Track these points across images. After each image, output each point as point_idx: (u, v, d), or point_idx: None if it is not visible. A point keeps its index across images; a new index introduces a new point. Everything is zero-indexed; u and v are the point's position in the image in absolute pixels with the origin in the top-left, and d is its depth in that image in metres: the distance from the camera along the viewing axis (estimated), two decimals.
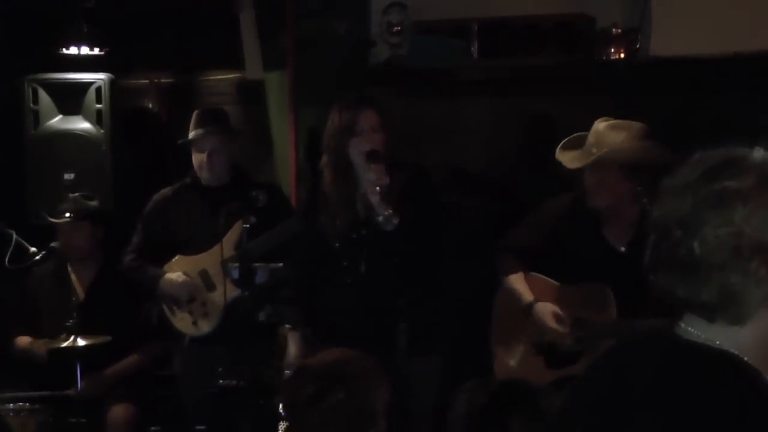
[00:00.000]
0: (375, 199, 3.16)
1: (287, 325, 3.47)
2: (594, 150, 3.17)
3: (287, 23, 4.63)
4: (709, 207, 1.30)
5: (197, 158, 3.86)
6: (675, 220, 1.32)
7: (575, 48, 4.07)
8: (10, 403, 3.61)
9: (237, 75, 5.05)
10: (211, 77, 5.20)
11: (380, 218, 3.17)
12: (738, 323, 1.31)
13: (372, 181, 3.17)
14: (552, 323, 3.25)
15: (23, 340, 4.14)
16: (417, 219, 3.22)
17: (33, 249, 4.00)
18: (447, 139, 4.35)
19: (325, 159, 3.35)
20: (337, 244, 3.22)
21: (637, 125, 3.22)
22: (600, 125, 3.23)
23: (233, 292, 3.51)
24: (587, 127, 3.40)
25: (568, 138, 3.31)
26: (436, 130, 4.38)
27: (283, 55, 4.68)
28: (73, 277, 4.23)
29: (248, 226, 3.24)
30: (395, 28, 4.50)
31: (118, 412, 4.00)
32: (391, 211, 3.16)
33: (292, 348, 3.48)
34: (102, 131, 4.70)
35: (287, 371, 3.32)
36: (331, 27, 4.61)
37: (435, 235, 3.31)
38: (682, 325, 1.37)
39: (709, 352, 1.31)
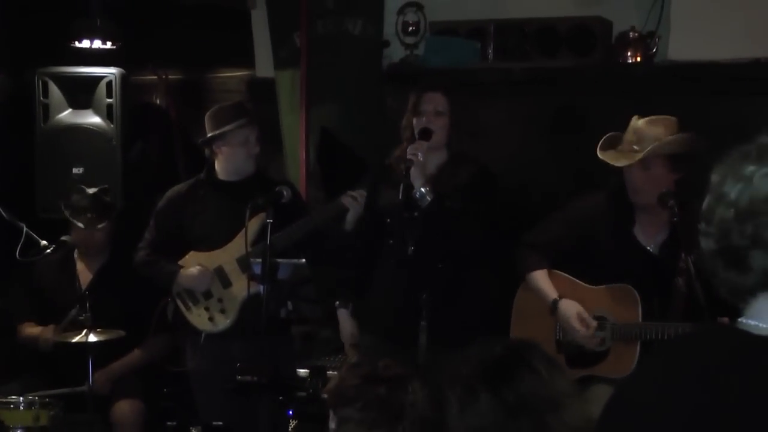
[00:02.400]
0: (410, 172, 3.20)
1: (337, 302, 3.49)
2: (636, 147, 3.18)
3: (301, 22, 4.62)
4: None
5: (229, 151, 3.81)
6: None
7: (591, 51, 4.08)
8: (21, 396, 3.58)
9: (247, 72, 5.05)
10: (221, 74, 5.19)
11: (416, 193, 3.20)
12: None
13: (408, 154, 3.21)
14: (576, 324, 3.25)
15: (30, 329, 4.13)
16: (473, 210, 3.26)
17: (43, 242, 3.97)
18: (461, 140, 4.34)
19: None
20: (388, 220, 3.23)
21: (671, 118, 3.25)
22: (638, 122, 3.25)
23: (252, 287, 3.48)
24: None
25: (604, 138, 3.31)
26: None
27: (296, 53, 4.67)
28: (78, 267, 4.22)
29: (271, 221, 3.22)
30: (411, 28, 4.51)
31: (124, 408, 3.98)
32: (427, 188, 3.19)
33: (345, 326, 3.50)
34: (112, 126, 4.68)
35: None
36: (345, 26, 4.61)
37: (486, 230, 3.33)
38: (744, 320, 1.34)
39: None
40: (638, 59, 4.00)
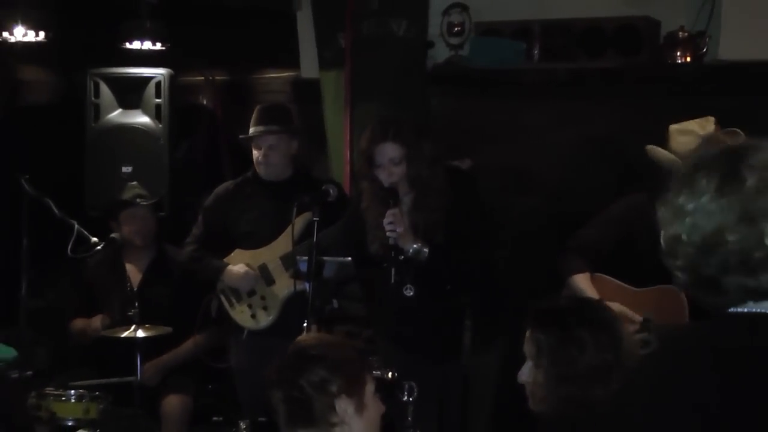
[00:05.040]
0: (395, 241, 3.12)
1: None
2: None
3: (346, 23, 4.63)
4: None
5: (256, 154, 3.89)
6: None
7: (638, 51, 4.04)
8: (72, 390, 3.64)
9: (292, 73, 5.09)
10: (266, 75, 5.24)
11: (410, 253, 3.15)
12: None
13: (387, 232, 3.13)
14: None
15: (78, 323, 4.20)
16: (460, 233, 3.20)
17: (94, 239, 4.05)
18: (506, 141, 4.33)
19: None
20: (385, 264, 3.16)
21: (708, 119, 3.20)
22: (686, 138, 3.19)
23: (298, 285, 3.51)
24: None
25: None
26: (496, 131, 4.37)
27: (340, 54, 4.68)
28: (128, 266, 4.29)
29: (318, 219, 3.25)
30: (456, 29, 4.50)
31: (173, 402, 4.04)
32: (418, 244, 3.14)
33: None
34: (160, 126, 4.75)
35: None
36: (389, 27, 4.61)
37: (482, 242, 3.26)
38: (756, 309, 1.39)
39: None
40: (688, 59, 3.95)
